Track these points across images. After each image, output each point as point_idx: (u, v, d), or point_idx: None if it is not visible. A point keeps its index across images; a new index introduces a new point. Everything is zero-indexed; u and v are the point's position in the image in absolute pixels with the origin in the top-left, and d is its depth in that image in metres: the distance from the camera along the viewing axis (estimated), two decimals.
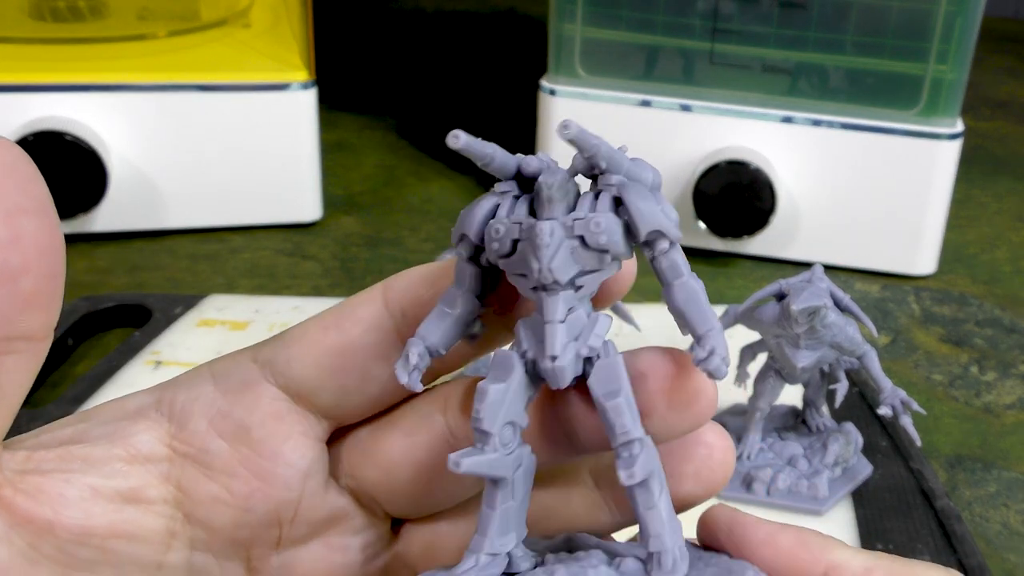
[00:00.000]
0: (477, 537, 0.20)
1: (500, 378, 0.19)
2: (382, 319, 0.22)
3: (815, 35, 0.66)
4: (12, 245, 0.18)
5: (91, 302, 0.60)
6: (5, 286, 0.18)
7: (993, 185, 0.86)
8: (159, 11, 0.78)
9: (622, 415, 0.19)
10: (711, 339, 0.19)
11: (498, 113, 0.98)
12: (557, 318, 0.19)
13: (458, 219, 0.20)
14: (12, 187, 0.18)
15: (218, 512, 0.21)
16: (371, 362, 0.21)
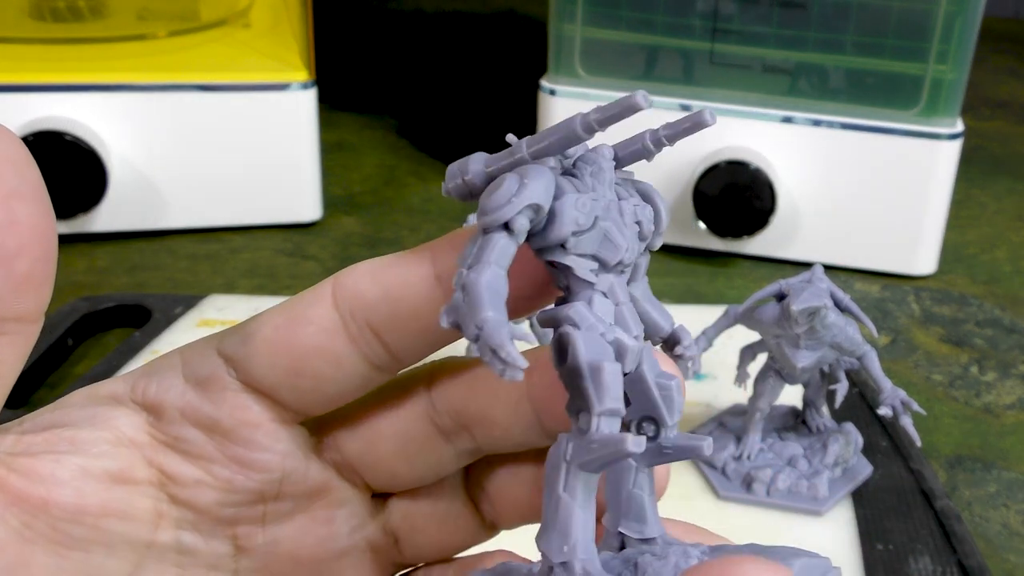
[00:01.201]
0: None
1: (609, 359, 0.18)
2: (332, 320, 0.21)
3: (815, 35, 0.66)
4: (8, 228, 0.18)
5: (91, 302, 0.60)
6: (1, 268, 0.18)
7: (993, 185, 0.86)
8: (159, 11, 0.78)
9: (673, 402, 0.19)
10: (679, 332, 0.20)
11: (498, 113, 0.98)
12: (626, 299, 0.19)
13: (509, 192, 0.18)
14: (8, 172, 0.18)
15: (201, 493, 0.22)
16: (323, 364, 0.21)
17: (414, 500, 0.24)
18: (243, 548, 0.23)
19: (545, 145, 0.19)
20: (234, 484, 0.22)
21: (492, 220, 0.18)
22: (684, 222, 0.70)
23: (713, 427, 0.48)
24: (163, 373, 0.22)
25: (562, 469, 0.18)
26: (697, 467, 0.47)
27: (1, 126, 0.19)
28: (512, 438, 0.22)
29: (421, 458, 0.22)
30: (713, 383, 0.54)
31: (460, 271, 0.18)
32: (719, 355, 0.54)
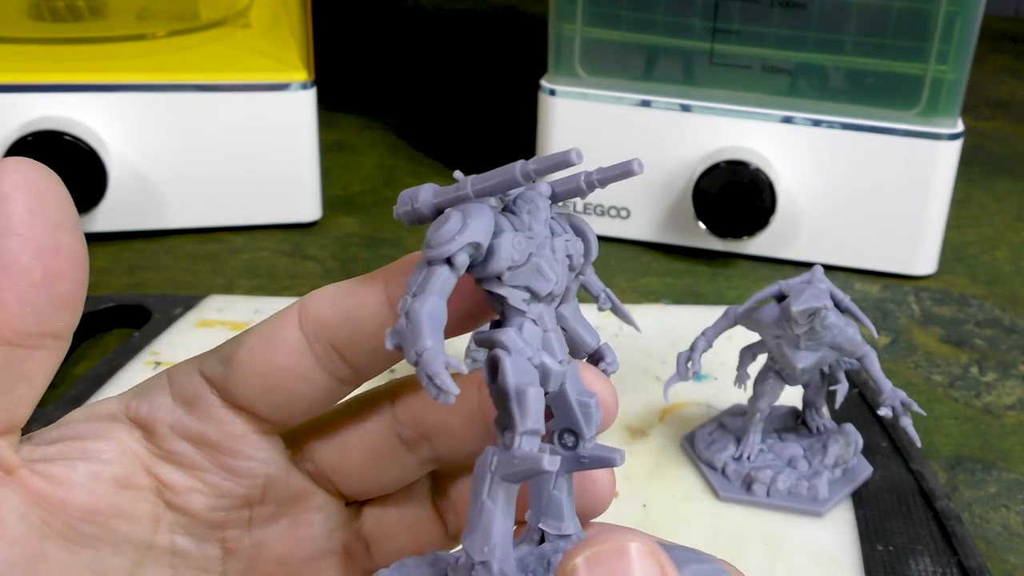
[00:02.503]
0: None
1: (533, 383, 0.20)
2: (299, 342, 0.23)
3: (815, 35, 0.66)
4: (53, 255, 0.21)
5: (90, 302, 0.60)
6: (45, 289, 0.21)
7: (993, 185, 0.86)
8: (158, 11, 0.77)
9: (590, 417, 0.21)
10: (603, 349, 0.22)
11: (498, 113, 0.98)
12: (553, 326, 0.21)
13: (453, 230, 0.20)
14: (53, 205, 0.21)
15: (194, 499, 0.24)
16: (294, 382, 0.23)
17: (385, 508, 0.26)
18: (231, 551, 0.25)
19: (488, 186, 0.21)
20: (223, 490, 0.24)
21: (436, 255, 0.20)
22: (684, 222, 0.70)
23: (713, 428, 0.48)
24: (153, 393, 0.24)
25: (487, 478, 0.20)
26: (697, 468, 0.47)
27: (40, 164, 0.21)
28: (468, 446, 0.24)
29: (386, 466, 0.25)
30: (713, 384, 0.54)
31: (405, 298, 0.20)
32: (719, 356, 0.54)
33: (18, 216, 0.21)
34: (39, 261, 0.21)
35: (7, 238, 0.20)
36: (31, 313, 0.21)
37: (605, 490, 0.24)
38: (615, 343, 0.57)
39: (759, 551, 0.42)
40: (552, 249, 0.21)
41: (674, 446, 0.49)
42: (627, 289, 0.67)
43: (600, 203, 0.72)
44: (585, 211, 0.72)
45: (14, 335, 0.21)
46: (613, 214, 0.72)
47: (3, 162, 0.21)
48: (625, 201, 0.71)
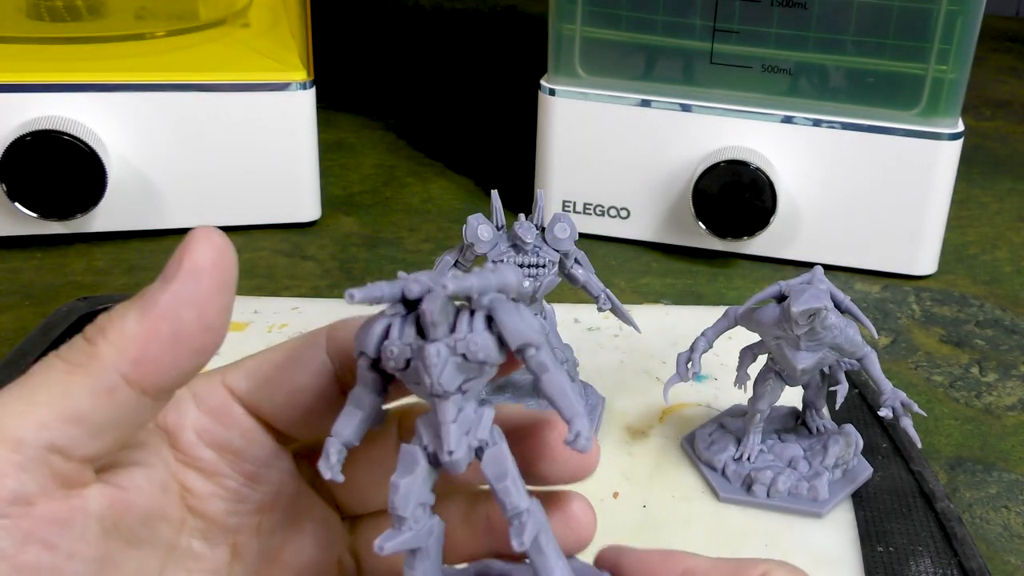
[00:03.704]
0: None
1: (408, 471, 0.23)
2: (325, 365, 0.25)
3: (815, 35, 0.66)
4: (215, 332, 0.23)
5: (90, 303, 0.59)
6: (196, 359, 0.23)
7: (994, 185, 0.86)
8: (157, 11, 0.77)
9: (510, 494, 0.23)
10: (576, 424, 0.22)
11: (498, 113, 0.98)
12: (450, 419, 0.23)
13: (356, 337, 0.24)
14: (230, 287, 0.23)
15: (212, 504, 0.25)
16: (315, 402, 0.25)
17: (377, 526, 0.27)
18: (238, 555, 0.26)
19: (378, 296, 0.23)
20: (240, 495, 0.26)
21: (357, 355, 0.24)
22: (684, 222, 0.70)
23: (713, 428, 0.48)
24: (178, 404, 0.25)
25: None
26: (697, 469, 0.47)
27: (226, 238, 0.23)
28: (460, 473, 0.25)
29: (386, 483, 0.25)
30: (713, 384, 0.54)
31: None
32: (719, 356, 0.54)
33: (205, 292, 0.22)
34: (203, 335, 0.22)
35: (188, 308, 0.22)
36: (175, 375, 0.22)
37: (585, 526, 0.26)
38: (615, 343, 0.57)
39: (759, 552, 0.42)
40: (435, 354, 0.22)
41: (674, 447, 0.49)
42: (627, 289, 0.67)
43: (600, 203, 0.72)
44: (585, 211, 0.72)
45: (153, 390, 0.22)
46: (613, 214, 0.72)
47: (204, 234, 0.22)
48: (625, 201, 0.71)
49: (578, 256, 0.47)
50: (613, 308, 0.48)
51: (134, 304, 0.22)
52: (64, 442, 0.21)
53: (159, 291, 0.22)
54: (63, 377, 0.22)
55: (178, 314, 0.22)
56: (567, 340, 0.49)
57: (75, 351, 0.22)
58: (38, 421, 0.21)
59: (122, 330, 0.22)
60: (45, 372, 0.22)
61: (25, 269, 0.66)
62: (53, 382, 0.21)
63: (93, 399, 0.21)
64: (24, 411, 0.21)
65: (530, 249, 0.45)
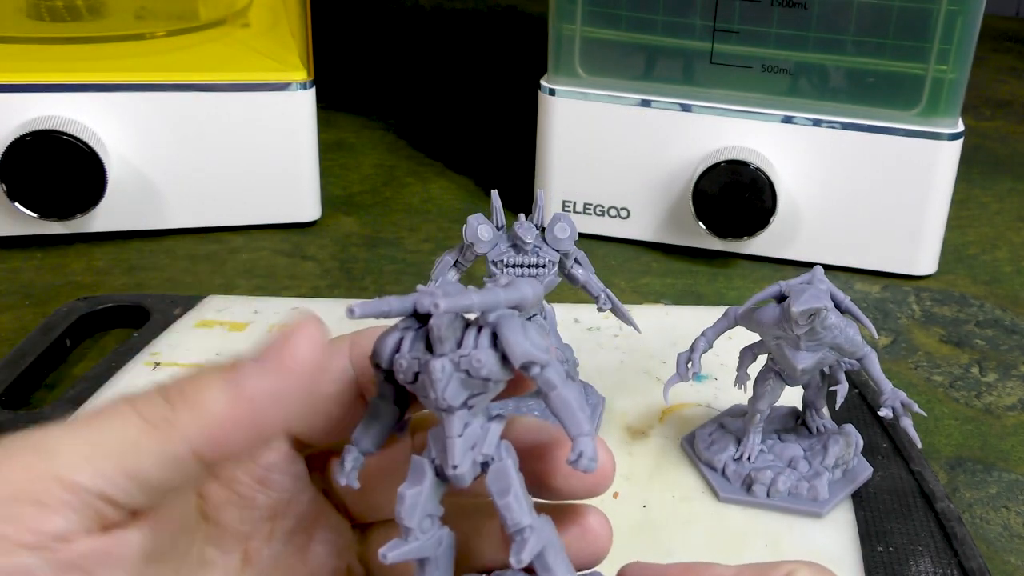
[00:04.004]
0: None
1: (416, 483, 0.23)
2: (347, 372, 0.25)
3: (815, 35, 0.66)
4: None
5: (89, 303, 0.59)
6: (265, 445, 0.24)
7: (994, 185, 0.86)
8: (157, 11, 0.77)
9: (511, 511, 0.23)
10: (580, 443, 0.22)
11: (498, 113, 0.98)
12: (455, 434, 0.23)
13: (373, 347, 0.24)
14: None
15: (227, 511, 0.25)
16: (335, 408, 0.25)
17: (387, 535, 0.27)
18: (250, 561, 0.26)
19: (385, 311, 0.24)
20: (254, 501, 0.25)
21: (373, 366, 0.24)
22: (684, 222, 0.70)
23: (713, 428, 0.48)
24: None
25: None
26: (697, 469, 0.47)
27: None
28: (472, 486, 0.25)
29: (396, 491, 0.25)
30: (713, 384, 0.54)
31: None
32: (719, 356, 0.54)
33: (295, 393, 0.22)
34: (281, 429, 0.23)
35: (277, 406, 0.22)
36: (243, 456, 0.23)
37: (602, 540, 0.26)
38: (615, 343, 0.57)
39: (759, 552, 0.42)
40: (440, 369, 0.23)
41: (674, 447, 0.49)
42: (627, 289, 0.67)
43: (600, 203, 0.72)
44: (585, 211, 0.72)
45: (218, 465, 0.22)
46: (613, 214, 0.72)
47: (308, 328, 0.22)
48: (625, 201, 0.71)
49: (578, 256, 0.47)
50: (613, 308, 0.48)
51: (223, 378, 0.22)
52: (118, 495, 0.21)
53: (252, 377, 0.22)
54: (135, 433, 0.21)
55: (265, 409, 0.22)
56: (567, 340, 0.49)
57: (152, 407, 0.22)
58: (98, 470, 0.21)
59: (206, 405, 0.21)
60: (118, 421, 0.21)
61: (25, 269, 0.66)
62: (124, 435, 0.21)
63: (158, 463, 0.21)
64: (88, 455, 0.21)
65: (530, 249, 0.45)
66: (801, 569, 0.23)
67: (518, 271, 0.45)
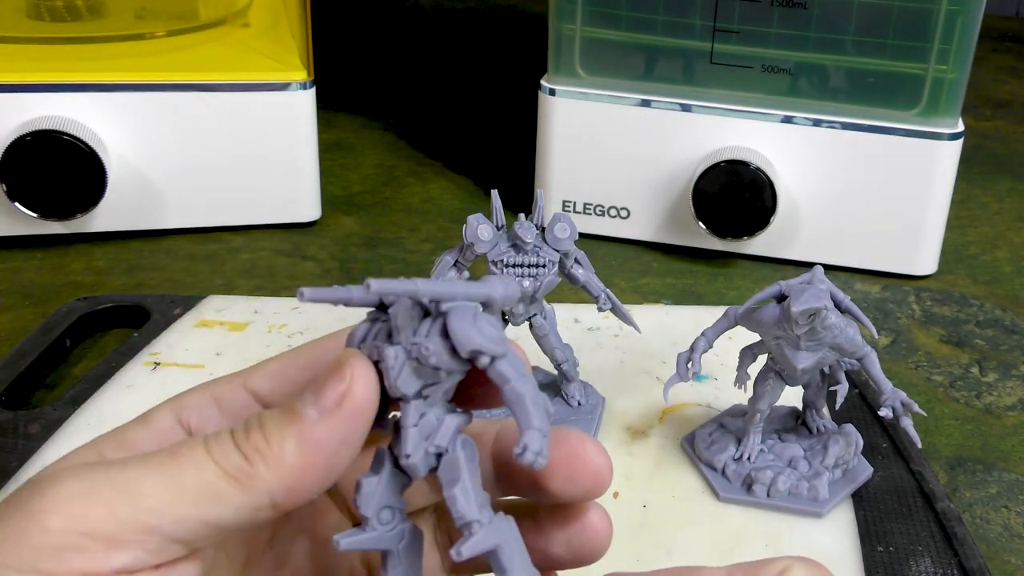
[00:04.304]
0: None
1: (374, 472, 0.23)
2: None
3: (815, 35, 0.66)
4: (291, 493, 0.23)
5: (89, 303, 0.59)
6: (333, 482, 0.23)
7: (994, 185, 0.86)
8: (157, 11, 0.77)
9: (457, 502, 0.22)
10: (525, 436, 0.22)
11: (498, 113, 0.98)
12: (410, 424, 0.23)
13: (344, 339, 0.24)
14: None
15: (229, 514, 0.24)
16: None
17: None
18: (253, 562, 0.26)
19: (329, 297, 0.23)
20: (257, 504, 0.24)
21: None
22: (684, 222, 0.70)
23: (713, 428, 0.48)
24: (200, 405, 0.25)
25: None
26: (697, 469, 0.47)
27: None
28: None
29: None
30: (713, 384, 0.54)
31: None
32: (719, 356, 0.54)
33: (360, 433, 0.23)
34: (349, 465, 0.23)
35: (345, 448, 0.23)
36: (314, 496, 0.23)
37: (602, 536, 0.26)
38: (615, 343, 0.57)
39: (759, 552, 0.42)
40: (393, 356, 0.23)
41: (674, 446, 0.49)
42: (627, 289, 0.67)
43: (600, 203, 0.72)
44: (585, 211, 0.72)
45: (291, 508, 0.23)
46: (613, 214, 0.72)
47: (360, 368, 0.23)
48: (625, 201, 0.71)
49: (578, 256, 0.47)
50: (613, 308, 0.48)
51: (292, 430, 0.22)
52: (194, 540, 0.22)
53: (321, 427, 0.22)
54: (215, 482, 0.22)
55: (336, 452, 0.22)
56: (567, 340, 0.49)
57: (229, 458, 0.22)
58: (179, 516, 0.21)
59: (281, 459, 0.22)
60: (195, 467, 0.22)
61: (25, 269, 0.66)
62: (203, 483, 0.22)
63: (237, 513, 0.22)
64: (170, 501, 0.21)
65: (530, 249, 0.45)
66: (795, 566, 0.23)
67: (518, 271, 0.45)
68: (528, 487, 0.25)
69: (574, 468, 0.25)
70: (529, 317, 0.48)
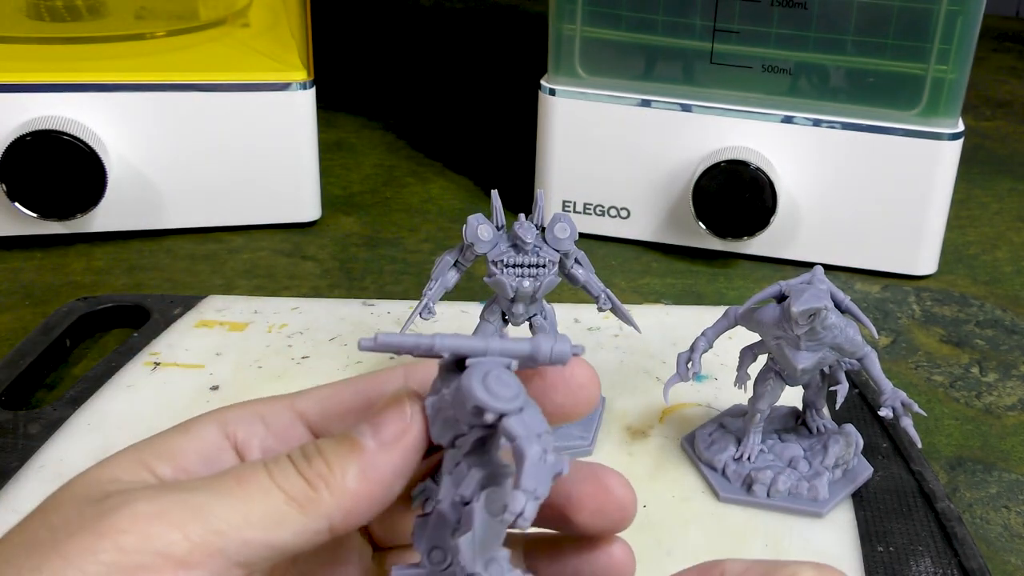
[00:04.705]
0: None
1: (426, 513, 0.24)
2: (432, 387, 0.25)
3: (815, 35, 0.66)
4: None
5: (89, 303, 0.59)
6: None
7: (994, 185, 0.86)
8: (157, 10, 0.77)
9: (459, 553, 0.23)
10: (511, 497, 0.22)
11: (498, 113, 0.98)
12: (444, 471, 0.24)
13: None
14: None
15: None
16: None
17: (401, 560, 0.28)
18: None
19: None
20: None
21: None
22: (684, 222, 0.70)
23: (713, 428, 0.48)
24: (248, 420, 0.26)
25: None
26: (697, 469, 0.47)
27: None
28: None
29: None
30: (713, 384, 0.54)
31: None
32: (719, 356, 0.54)
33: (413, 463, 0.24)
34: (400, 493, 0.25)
35: (401, 479, 0.24)
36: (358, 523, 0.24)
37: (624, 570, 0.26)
38: (615, 343, 0.57)
39: (759, 552, 0.42)
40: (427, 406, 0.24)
41: (674, 447, 0.49)
42: (627, 289, 0.67)
43: (600, 203, 0.72)
44: (585, 211, 0.72)
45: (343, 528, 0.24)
46: (613, 214, 0.72)
47: (414, 400, 0.24)
48: (625, 201, 0.71)
49: (578, 256, 0.47)
50: (613, 308, 0.48)
51: (354, 458, 0.24)
52: (253, 562, 0.23)
53: (381, 458, 0.24)
54: (280, 507, 0.23)
55: (393, 482, 0.24)
56: None
57: (292, 484, 0.23)
58: (246, 540, 0.22)
59: (343, 487, 0.23)
60: (261, 492, 0.23)
61: (25, 269, 0.66)
62: (269, 508, 0.23)
63: (296, 538, 0.23)
64: (239, 525, 0.22)
65: (530, 249, 0.45)
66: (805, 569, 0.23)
67: (518, 271, 0.45)
68: (554, 519, 0.26)
69: (601, 502, 0.25)
70: (529, 317, 0.48)
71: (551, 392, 0.25)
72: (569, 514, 0.25)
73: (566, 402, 0.25)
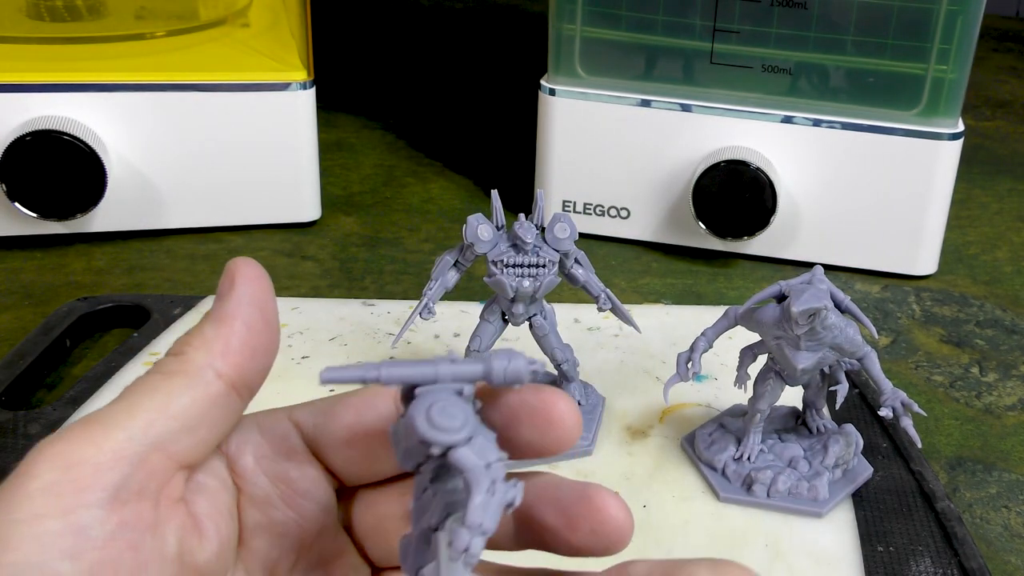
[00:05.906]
0: None
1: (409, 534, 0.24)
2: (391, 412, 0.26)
3: (815, 35, 0.66)
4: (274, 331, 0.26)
5: (89, 303, 0.59)
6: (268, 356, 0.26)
7: (994, 185, 0.86)
8: (157, 10, 0.77)
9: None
10: (457, 531, 0.21)
11: (498, 113, 0.98)
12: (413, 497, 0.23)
13: None
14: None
15: (260, 536, 0.26)
16: (380, 447, 0.26)
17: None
18: None
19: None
20: (285, 529, 0.26)
21: None
22: (684, 222, 0.70)
23: (713, 428, 0.48)
24: (243, 428, 0.27)
25: None
26: (697, 469, 0.47)
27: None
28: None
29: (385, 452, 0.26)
30: (713, 384, 0.54)
31: None
32: (719, 356, 0.54)
33: (259, 294, 0.26)
34: (267, 330, 0.26)
35: (250, 307, 0.25)
36: (255, 368, 0.25)
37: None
38: (615, 343, 0.57)
39: (759, 552, 0.42)
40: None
41: (674, 447, 0.49)
42: (627, 289, 0.67)
43: (600, 203, 0.72)
44: (585, 211, 0.72)
45: (240, 384, 0.25)
46: (613, 214, 0.72)
47: (242, 259, 0.26)
48: (625, 201, 0.71)
49: (578, 256, 0.47)
50: (613, 308, 0.48)
51: (205, 318, 0.25)
52: (165, 437, 0.23)
53: (222, 301, 0.25)
54: (162, 383, 0.24)
55: (245, 312, 0.25)
56: (567, 340, 0.49)
57: (168, 363, 0.25)
58: (145, 421, 0.23)
59: (203, 336, 0.25)
60: (144, 383, 0.24)
61: (25, 269, 0.66)
62: (153, 389, 0.24)
63: (191, 396, 0.24)
64: (131, 415, 0.23)
65: (530, 249, 0.45)
66: (701, 567, 0.23)
67: (518, 271, 0.45)
68: (549, 541, 0.25)
69: (597, 523, 0.25)
70: (529, 317, 0.48)
71: (516, 426, 0.24)
72: (564, 535, 0.25)
73: (533, 438, 0.24)
